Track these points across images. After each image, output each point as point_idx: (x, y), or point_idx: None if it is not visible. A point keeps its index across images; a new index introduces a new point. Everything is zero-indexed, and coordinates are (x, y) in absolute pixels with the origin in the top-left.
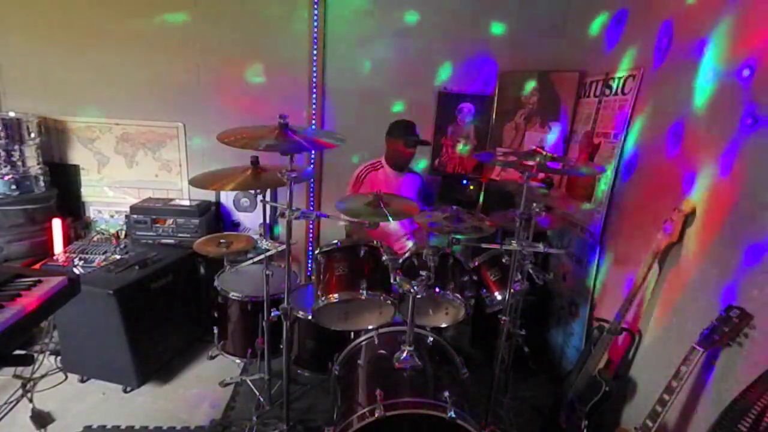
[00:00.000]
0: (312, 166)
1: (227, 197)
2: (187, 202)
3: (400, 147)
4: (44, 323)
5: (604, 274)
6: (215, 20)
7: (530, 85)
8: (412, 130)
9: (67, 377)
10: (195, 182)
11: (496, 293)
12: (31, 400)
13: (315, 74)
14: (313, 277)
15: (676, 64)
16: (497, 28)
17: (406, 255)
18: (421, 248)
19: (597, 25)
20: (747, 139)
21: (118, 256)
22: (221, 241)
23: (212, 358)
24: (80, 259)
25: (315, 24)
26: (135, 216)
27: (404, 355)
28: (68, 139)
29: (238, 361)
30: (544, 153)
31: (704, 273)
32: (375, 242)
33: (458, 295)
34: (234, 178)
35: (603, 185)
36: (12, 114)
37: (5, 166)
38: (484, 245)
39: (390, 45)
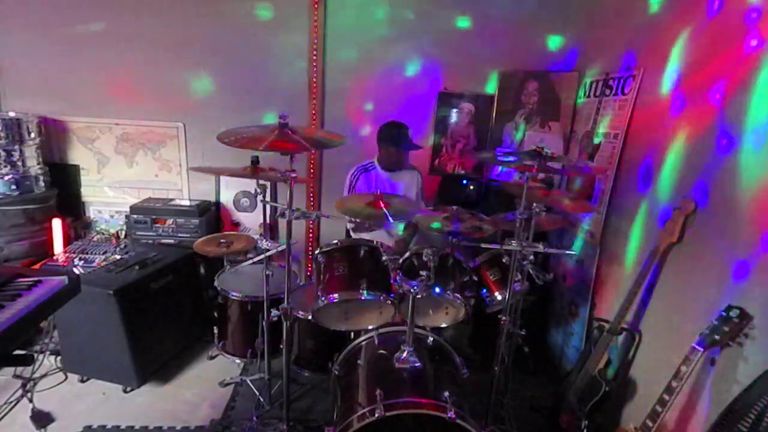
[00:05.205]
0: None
1: (227, 197)
2: (187, 202)
3: (390, 151)
4: (44, 323)
5: (604, 274)
6: (216, 20)
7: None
8: (402, 137)
9: (67, 377)
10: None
11: (496, 293)
12: (31, 400)
13: (315, 74)
14: (313, 277)
15: None
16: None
17: (406, 255)
18: (422, 248)
19: None
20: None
21: (118, 256)
22: (221, 241)
23: (212, 358)
24: (80, 259)
25: (315, 24)
26: (135, 216)
27: (404, 355)
28: (68, 139)
29: (238, 361)
30: (544, 153)
31: (704, 273)
32: (375, 242)
33: (458, 295)
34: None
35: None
36: (12, 114)
37: (5, 166)
38: (484, 245)
39: (392, 45)
